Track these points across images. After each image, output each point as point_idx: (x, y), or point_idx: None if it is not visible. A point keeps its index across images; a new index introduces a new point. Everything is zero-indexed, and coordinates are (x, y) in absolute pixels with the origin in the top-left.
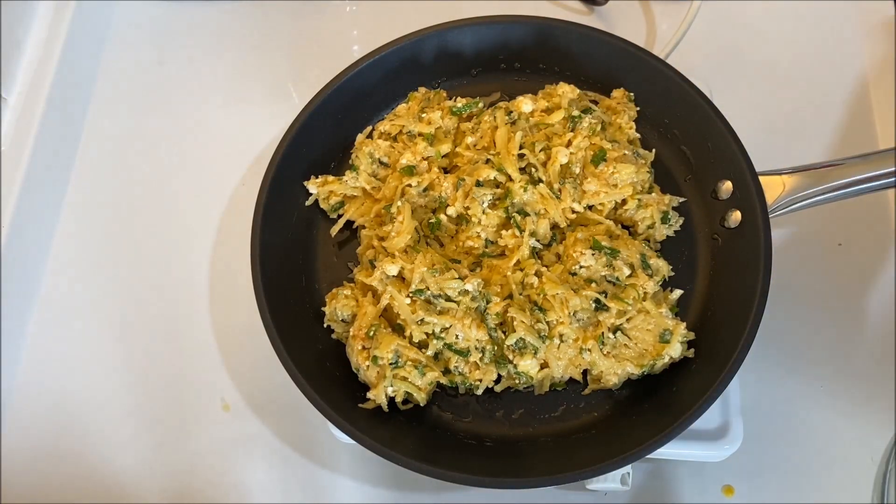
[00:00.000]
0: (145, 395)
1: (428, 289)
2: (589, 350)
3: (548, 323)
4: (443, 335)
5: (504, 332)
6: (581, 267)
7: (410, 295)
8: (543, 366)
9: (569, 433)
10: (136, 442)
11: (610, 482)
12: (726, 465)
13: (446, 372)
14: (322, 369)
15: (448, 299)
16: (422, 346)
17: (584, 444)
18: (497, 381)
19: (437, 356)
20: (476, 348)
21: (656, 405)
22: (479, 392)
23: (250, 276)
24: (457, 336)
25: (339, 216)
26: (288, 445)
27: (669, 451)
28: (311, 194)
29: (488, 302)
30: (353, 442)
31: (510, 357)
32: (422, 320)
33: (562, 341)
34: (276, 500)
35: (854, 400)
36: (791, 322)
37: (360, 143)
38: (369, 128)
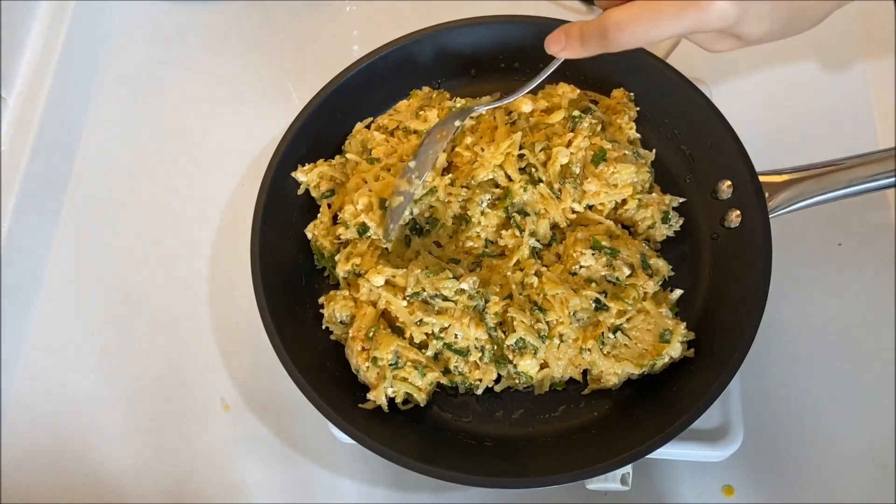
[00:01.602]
0: (145, 396)
1: (424, 290)
2: (589, 350)
3: (548, 323)
4: (442, 335)
5: (504, 332)
6: (581, 267)
7: (407, 298)
8: (543, 366)
9: (569, 433)
10: (136, 442)
11: (610, 482)
12: (726, 465)
13: (446, 372)
14: (322, 369)
15: (445, 299)
16: (421, 346)
17: (584, 444)
18: (497, 381)
19: (436, 356)
20: (476, 348)
21: (656, 405)
22: (479, 392)
23: (250, 276)
24: (456, 336)
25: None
26: (288, 445)
27: (669, 451)
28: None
29: (487, 301)
30: (353, 442)
31: (510, 357)
32: (420, 321)
33: (562, 341)
34: (276, 500)
35: (854, 400)
36: (791, 322)
37: (356, 131)
38: (370, 119)
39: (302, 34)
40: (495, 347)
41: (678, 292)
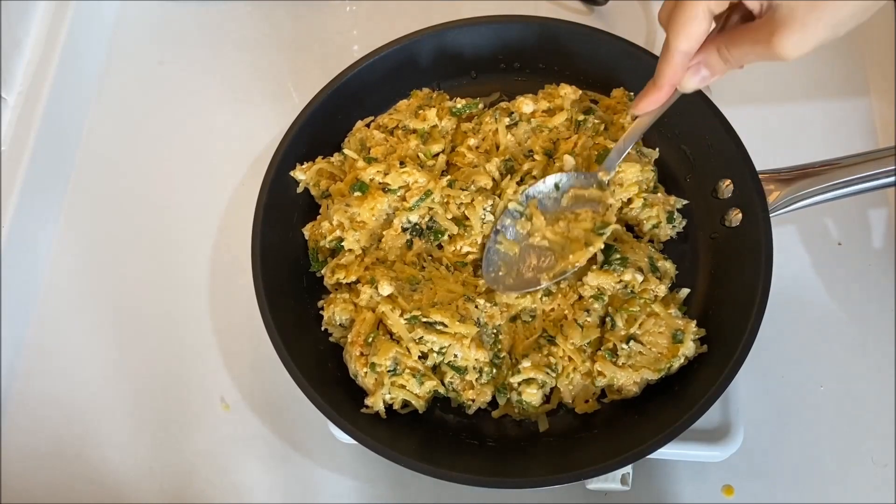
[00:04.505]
0: (145, 395)
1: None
2: (602, 374)
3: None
4: (442, 352)
5: (511, 357)
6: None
7: (406, 320)
8: (548, 397)
9: (569, 433)
10: (136, 442)
11: (610, 482)
12: (726, 465)
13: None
14: (323, 369)
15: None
16: (422, 356)
17: (585, 444)
18: (494, 407)
19: (435, 368)
20: (474, 368)
21: (657, 405)
22: (471, 412)
23: (250, 276)
24: (455, 355)
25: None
26: (288, 445)
27: (669, 451)
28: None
29: (498, 334)
30: (354, 442)
31: (514, 385)
32: (421, 338)
33: (574, 373)
34: (276, 500)
35: (854, 400)
36: (791, 322)
37: (356, 129)
38: (370, 118)
39: (302, 34)
40: (494, 371)
41: (685, 291)
